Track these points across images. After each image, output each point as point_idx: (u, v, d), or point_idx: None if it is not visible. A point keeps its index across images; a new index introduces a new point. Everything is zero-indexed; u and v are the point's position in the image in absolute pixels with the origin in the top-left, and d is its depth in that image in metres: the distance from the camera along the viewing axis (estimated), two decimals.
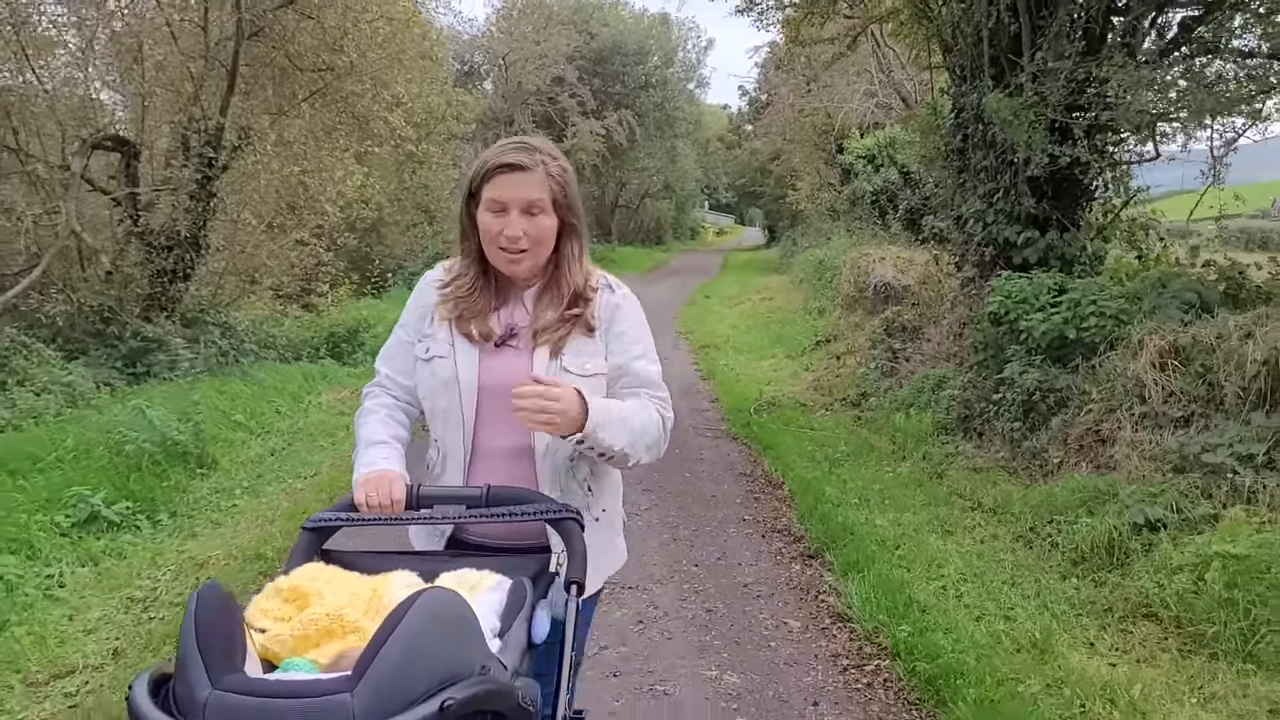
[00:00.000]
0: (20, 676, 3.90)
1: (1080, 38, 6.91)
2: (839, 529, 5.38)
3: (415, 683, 1.30)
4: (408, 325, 2.18)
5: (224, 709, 1.28)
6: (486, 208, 2.01)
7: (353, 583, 1.70)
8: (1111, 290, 6.56)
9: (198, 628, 1.36)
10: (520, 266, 2.04)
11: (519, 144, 2.04)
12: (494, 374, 2.04)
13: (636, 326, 2.14)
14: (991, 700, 3.39)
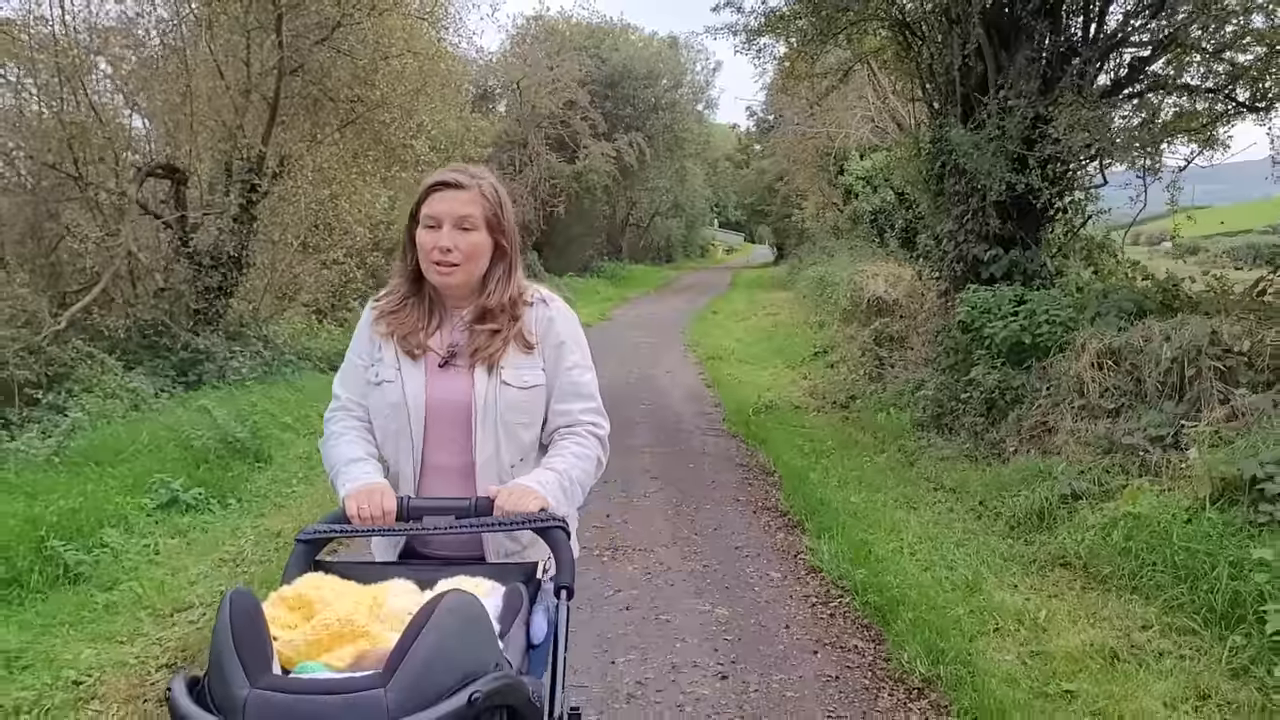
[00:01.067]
0: (148, 611, 4.82)
1: (1037, 77, 7.84)
2: (818, 504, 6.30)
3: (443, 678, 1.41)
4: (357, 349, 2.29)
5: (264, 706, 1.36)
6: (423, 224, 2.15)
7: (352, 591, 1.76)
8: (1062, 301, 7.48)
9: (234, 631, 1.45)
10: (451, 279, 2.15)
11: (457, 167, 2.19)
12: (439, 393, 2.17)
13: (572, 338, 2.26)
14: (924, 619, 4.30)
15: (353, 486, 2.05)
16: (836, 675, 4.00)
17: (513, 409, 2.17)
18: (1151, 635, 4.11)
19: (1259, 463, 4.68)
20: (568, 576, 1.92)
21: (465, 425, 2.16)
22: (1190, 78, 8.83)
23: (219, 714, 1.38)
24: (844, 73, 11.58)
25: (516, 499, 1.97)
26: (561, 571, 1.93)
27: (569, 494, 2.11)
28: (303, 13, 12.29)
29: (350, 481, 2.08)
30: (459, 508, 2.01)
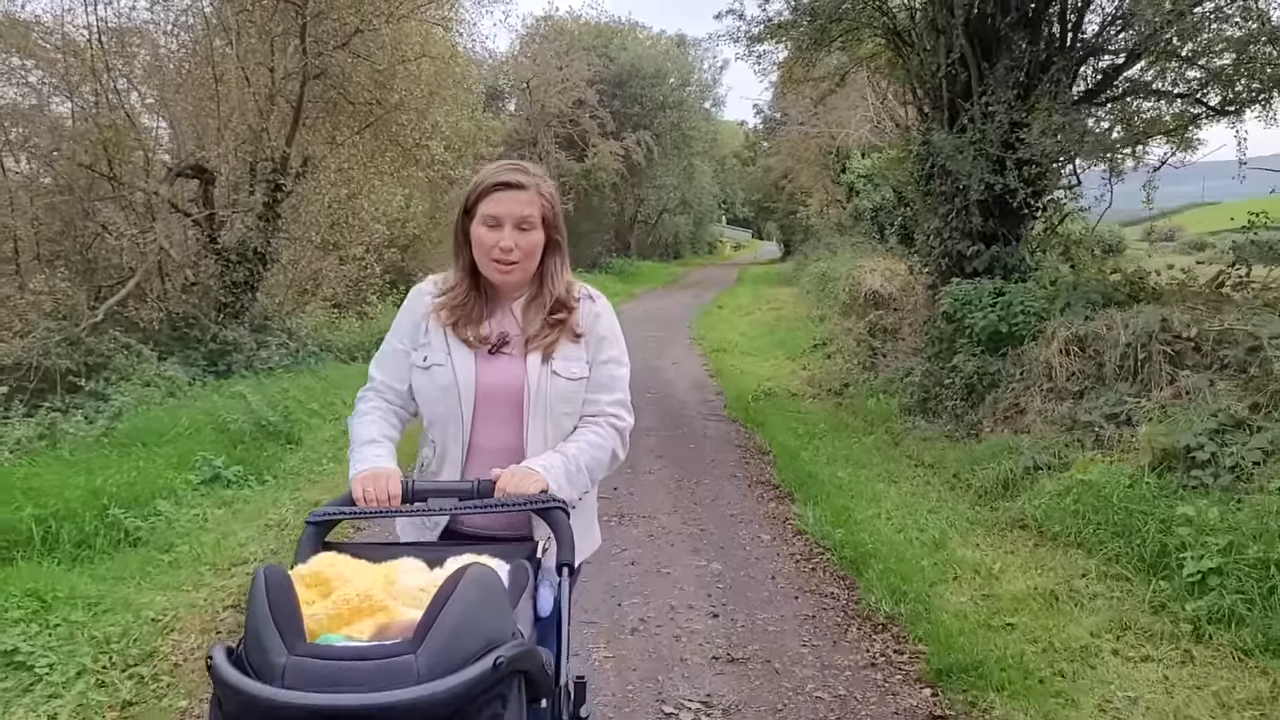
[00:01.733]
0: (208, 566, 5.45)
1: (1015, 85, 8.42)
2: (807, 478, 6.91)
3: (468, 644, 1.50)
4: (401, 334, 2.34)
5: (303, 671, 1.45)
6: (482, 222, 2.20)
7: (365, 569, 1.82)
8: (1036, 293, 8.06)
9: (270, 603, 1.53)
10: (511, 277, 2.23)
11: (515, 165, 2.25)
12: (489, 378, 2.23)
13: (613, 334, 2.35)
14: (891, 570, 4.90)
15: (361, 469, 2.13)
16: (813, 615, 4.61)
17: (560, 399, 2.24)
18: (1089, 581, 4.71)
19: (1193, 434, 5.28)
20: (569, 554, 2.00)
21: (514, 410, 2.23)
22: (1163, 84, 9.40)
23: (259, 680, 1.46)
24: (841, 77, 12.15)
25: (518, 481, 2.05)
26: (563, 550, 2.00)
27: (573, 479, 2.17)
28: (324, 20, 12.90)
29: (360, 464, 2.16)
30: (462, 490, 2.09)
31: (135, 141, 12.48)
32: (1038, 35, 8.58)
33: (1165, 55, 9.05)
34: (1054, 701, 3.57)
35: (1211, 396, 5.61)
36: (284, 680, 1.44)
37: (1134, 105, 9.68)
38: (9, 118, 11.99)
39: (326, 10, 12.85)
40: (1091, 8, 8.52)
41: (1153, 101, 9.70)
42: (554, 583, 1.95)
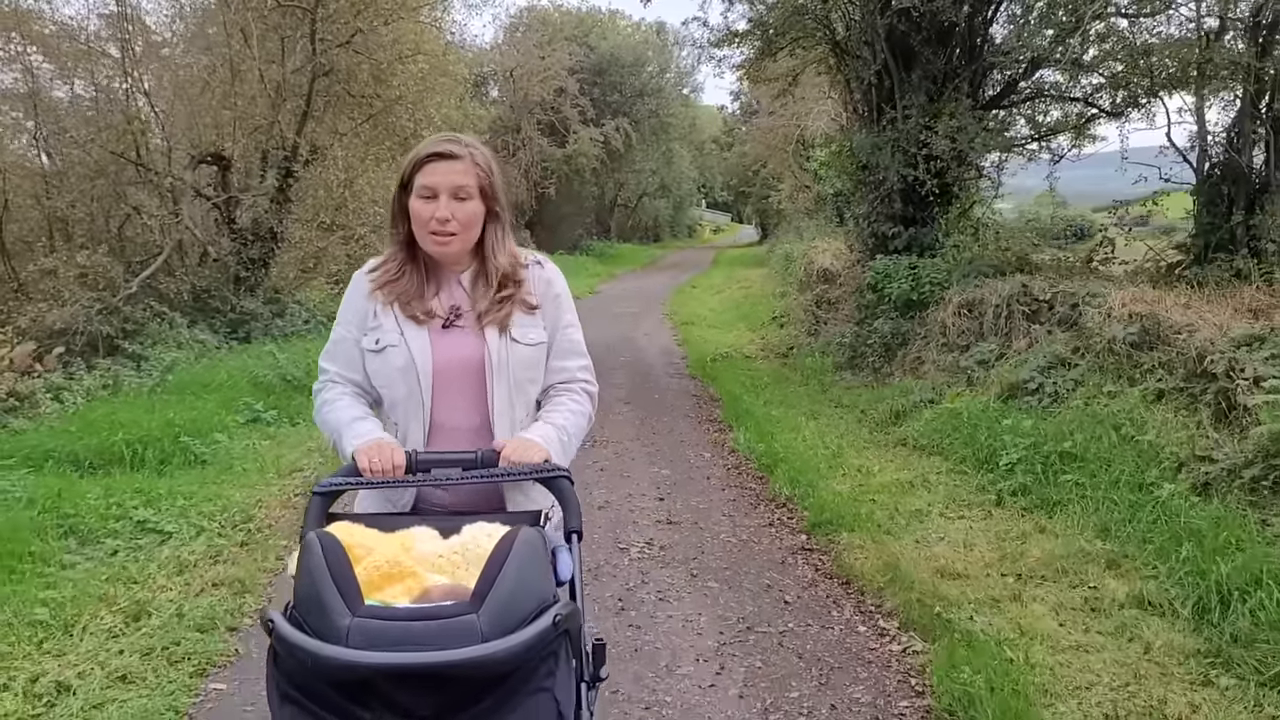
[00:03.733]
0: (271, 472, 7.01)
1: (925, 92, 10.01)
2: (745, 414, 8.52)
3: (525, 603, 1.59)
4: (347, 321, 2.30)
5: (367, 631, 1.51)
6: (418, 194, 2.17)
7: (384, 538, 1.87)
8: (941, 266, 9.69)
9: (330, 567, 1.61)
10: (449, 248, 2.20)
11: (448, 137, 2.22)
12: (446, 354, 2.21)
13: (566, 297, 2.36)
14: (795, 470, 6.52)
15: (361, 442, 2.10)
16: (734, 499, 6.23)
17: (523, 366, 2.24)
18: (939, 475, 6.35)
19: (1029, 371, 6.93)
20: (576, 521, 2.04)
21: (475, 385, 2.22)
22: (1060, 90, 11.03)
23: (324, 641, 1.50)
24: (793, 78, 13.71)
25: (522, 451, 2.08)
26: (570, 517, 2.04)
27: (566, 448, 2.21)
28: (331, 23, 14.37)
29: (357, 438, 2.12)
30: (466, 460, 2.10)
31: (160, 132, 13.94)
32: (946, 51, 10.16)
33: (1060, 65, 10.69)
34: (885, 537, 5.20)
35: (1048, 343, 7.24)
36: (349, 640, 1.49)
37: (1037, 108, 11.35)
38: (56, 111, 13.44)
39: (334, 14, 14.30)
40: (991, 30, 10.06)
41: (1054, 105, 11.38)
42: (566, 547, 1.96)
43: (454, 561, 1.79)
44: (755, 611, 4.42)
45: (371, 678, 1.48)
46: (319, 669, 1.50)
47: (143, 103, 13.69)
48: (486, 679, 1.52)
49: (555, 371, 2.32)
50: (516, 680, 1.55)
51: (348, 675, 1.49)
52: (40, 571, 4.84)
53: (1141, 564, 4.46)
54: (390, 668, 1.47)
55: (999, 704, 3.30)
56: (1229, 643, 3.69)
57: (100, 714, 3.34)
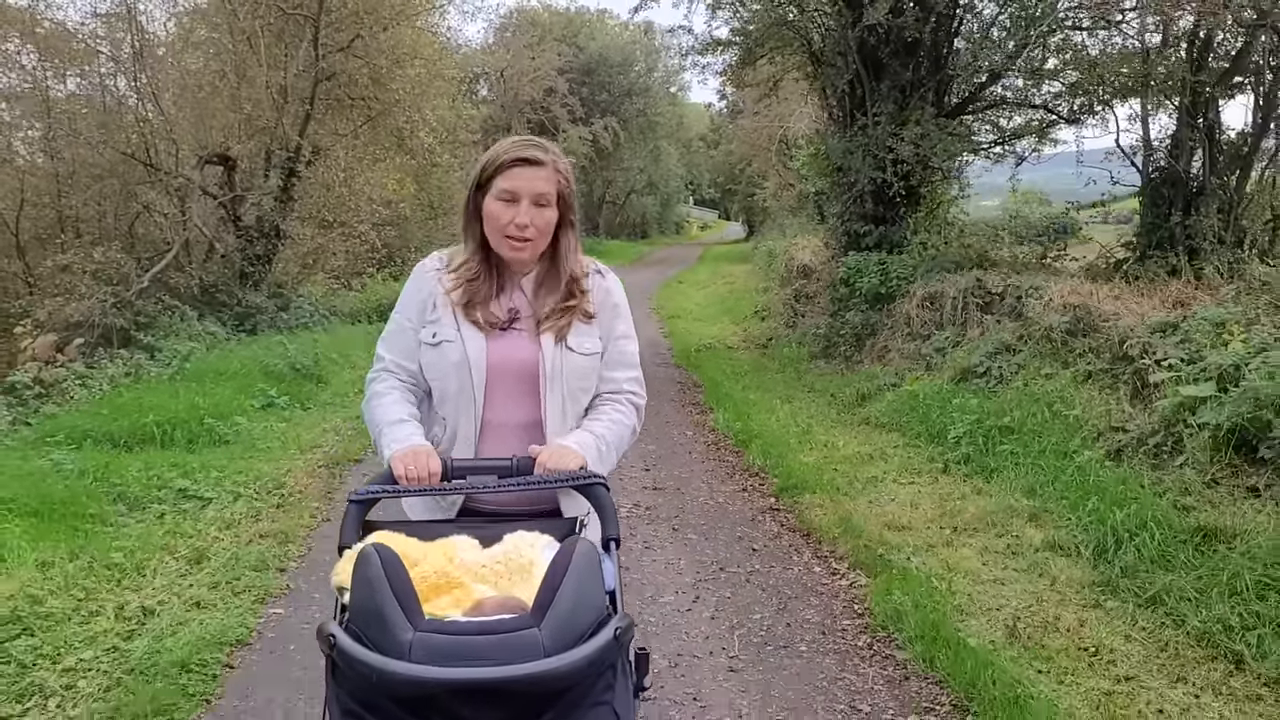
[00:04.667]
0: (293, 448, 7.71)
1: (893, 101, 10.76)
2: (724, 398, 9.26)
3: (584, 617, 1.60)
4: (408, 311, 2.30)
5: (430, 646, 1.51)
6: (498, 197, 2.17)
7: (427, 548, 1.89)
8: (908, 262, 10.44)
9: (390, 581, 1.59)
10: (523, 254, 2.21)
11: (533, 142, 2.21)
12: (500, 355, 2.22)
13: (624, 308, 2.36)
14: (768, 444, 7.25)
15: (398, 449, 2.10)
16: (713, 469, 6.98)
17: (577, 375, 2.24)
18: (895, 449, 7.10)
19: (978, 356, 7.69)
20: (614, 528, 2.01)
21: (528, 386, 2.22)
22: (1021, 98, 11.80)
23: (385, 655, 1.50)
24: (774, 83, 14.46)
25: (558, 458, 2.06)
26: (607, 524, 2.02)
27: (603, 457, 2.20)
28: (333, 31, 15.05)
29: (395, 443, 2.13)
30: (501, 467, 2.10)
31: (168, 134, 14.59)
32: (912, 62, 10.91)
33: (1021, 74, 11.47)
34: (842, 498, 5.95)
35: (997, 331, 8.00)
36: (412, 655, 1.49)
37: (1001, 114, 12.13)
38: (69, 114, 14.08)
39: (335, 21, 14.99)
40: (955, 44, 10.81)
41: (1016, 111, 12.16)
42: (606, 556, 1.94)
43: (497, 571, 1.81)
44: (727, 556, 5.16)
45: (435, 693, 1.48)
46: (384, 684, 1.50)
47: (152, 106, 14.32)
48: (548, 693, 1.52)
49: (605, 381, 2.32)
50: (577, 694, 1.55)
51: (413, 691, 1.49)
52: (101, 531, 5.55)
53: (1057, 516, 5.22)
54: (456, 683, 1.47)
55: (920, 619, 4.05)
56: (1118, 574, 4.45)
57: (185, 630, 4.06)
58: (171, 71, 15.08)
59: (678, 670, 3.84)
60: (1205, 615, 3.91)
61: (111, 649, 3.90)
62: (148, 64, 14.35)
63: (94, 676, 3.65)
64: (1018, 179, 12.00)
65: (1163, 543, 4.48)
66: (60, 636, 3.98)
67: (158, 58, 14.76)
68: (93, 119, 14.35)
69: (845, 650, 4.03)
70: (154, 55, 14.69)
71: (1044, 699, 3.40)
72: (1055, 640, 3.94)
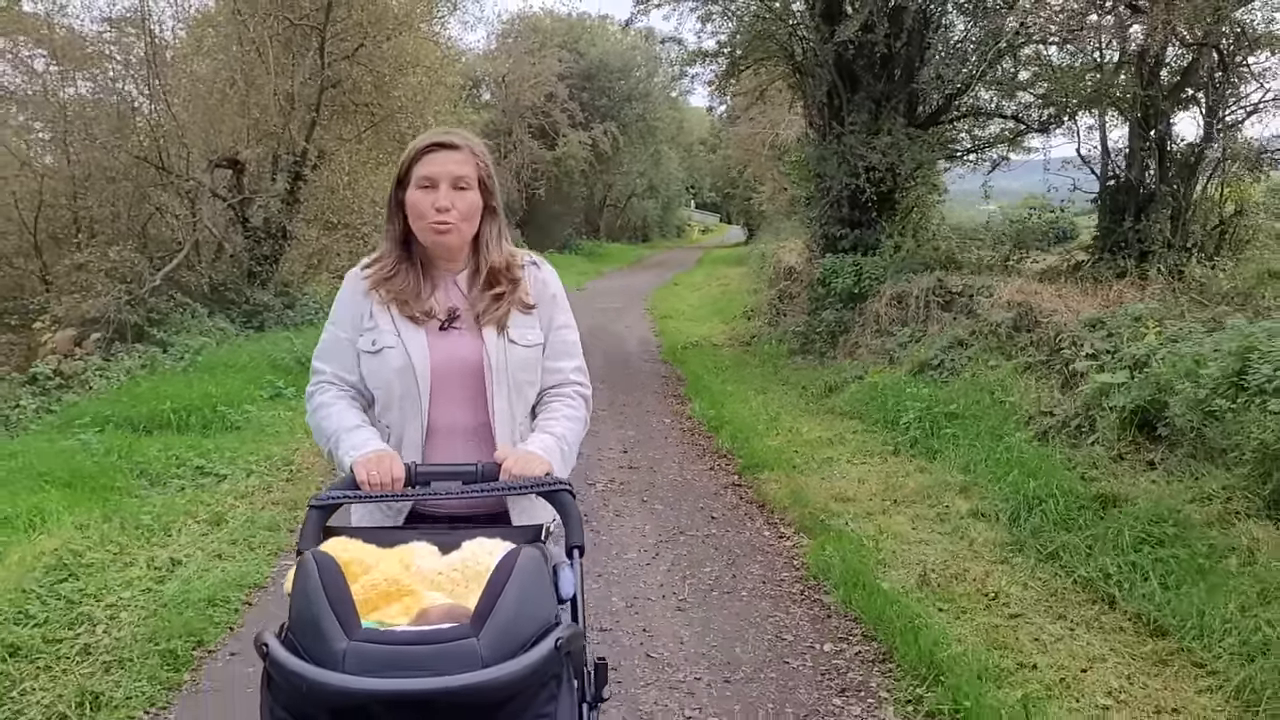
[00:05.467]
0: (300, 434, 8.33)
1: (867, 111, 11.39)
2: (703, 390, 9.89)
3: (526, 627, 1.56)
4: (342, 322, 2.27)
5: (364, 656, 1.48)
6: (416, 185, 2.15)
7: (381, 554, 1.86)
8: (880, 263, 11.05)
9: (325, 589, 1.57)
10: (448, 238, 2.18)
11: (445, 129, 2.21)
12: (444, 355, 2.19)
13: (562, 298, 2.35)
14: (738, 430, 7.87)
15: (359, 454, 2.07)
16: (685, 452, 7.60)
17: (521, 367, 2.23)
18: (854, 434, 7.73)
19: (934, 350, 8.31)
20: (578, 536, 1.99)
21: (474, 386, 2.21)
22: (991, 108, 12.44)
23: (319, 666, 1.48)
24: (760, 93, 15.10)
25: (523, 464, 2.05)
26: (572, 532, 2.00)
27: (566, 458, 2.20)
28: (339, 41, 15.71)
29: (354, 449, 2.10)
30: (466, 473, 2.08)
31: (180, 138, 15.24)
32: (885, 74, 11.54)
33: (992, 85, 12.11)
34: (797, 475, 6.57)
35: (952, 328, 8.62)
36: (345, 665, 1.47)
37: (975, 123, 12.76)
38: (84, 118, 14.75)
39: (341, 31, 15.64)
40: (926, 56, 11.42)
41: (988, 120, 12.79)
42: (568, 564, 1.93)
43: (453, 579, 1.77)
44: (688, 523, 5.79)
45: (367, 704, 1.46)
46: (314, 695, 1.47)
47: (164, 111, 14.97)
48: (486, 705, 1.49)
49: (549, 373, 2.30)
50: (516, 706, 1.52)
51: (344, 702, 1.46)
52: (128, 500, 6.18)
53: (983, 489, 5.83)
54: (388, 695, 1.45)
55: (845, 569, 4.68)
56: (1027, 536, 5.07)
57: (209, 575, 4.69)
58: (183, 78, 15.74)
59: (633, 609, 4.46)
60: (1090, 566, 4.53)
61: (146, 590, 4.53)
62: (159, 70, 15.01)
63: (133, 610, 4.28)
64: (989, 185, 12.60)
65: (1066, 508, 5.10)
66: (100, 581, 4.61)
67: (169, 64, 15.39)
68: (106, 124, 15.01)
69: (780, 596, 4.66)
70: (165, 62, 15.33)
71: (938, 628, 4.02)
72: (960, 587, 4.56)
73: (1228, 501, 4.63)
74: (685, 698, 3.63)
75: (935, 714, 3.44)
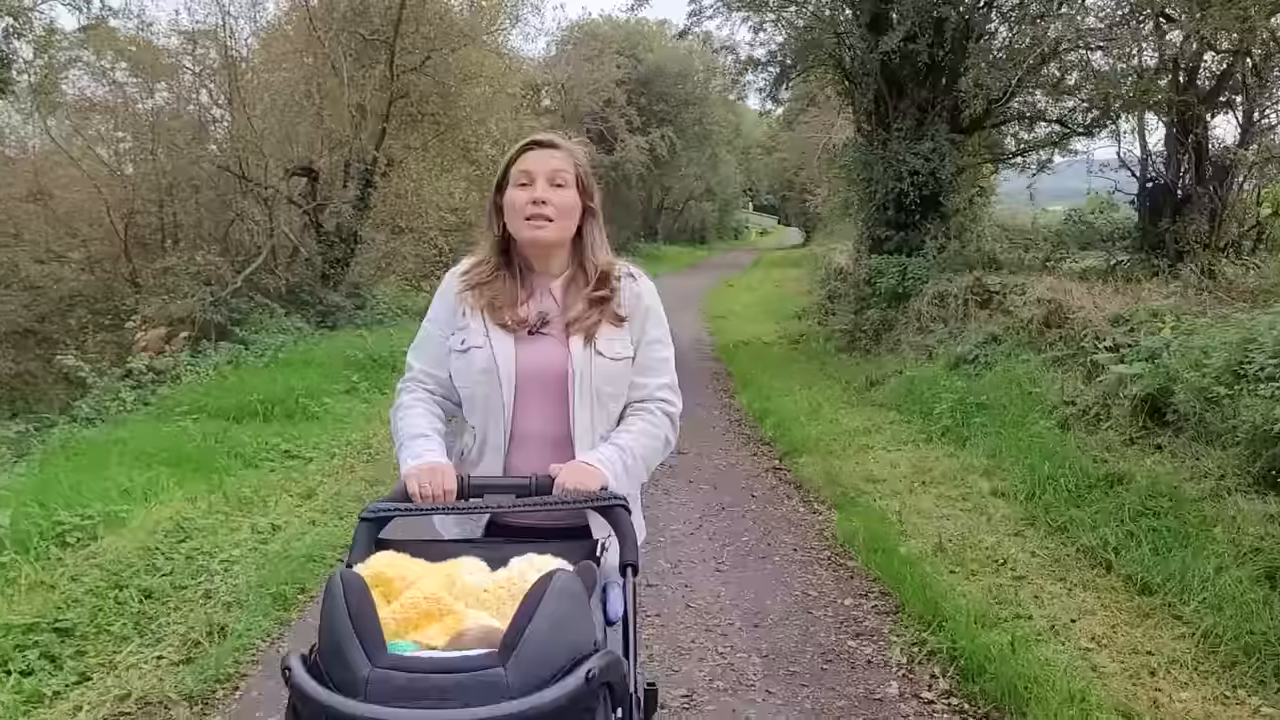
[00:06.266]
0: (378, 421, 9.02)
1: (912, 118, 11.83)
2: (751, 383, 10.43)
3: (556, 656, 1.49)
4: (438, 319, 2.28)
5: (387, 685, 1.45)
6: (514, 183, 2.16)
7: (426, 569, 1.82)
8: (923, 263, 11.48)
9: (350, 612, 1.52)
10: (546, 233, 2.15)
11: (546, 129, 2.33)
12: (530, 360, 2.17)
13: (657, 313, 2.28)
14: (780, 420, 8.40)
15: (414, 465, 2.07)
16: (730, 439, 8.15)
17: (606, 380, 2.18)
18: (890, 424, 8.21)
19: (968, 346, 8.76)
20: (633, 554, 1.94)
21: (558, 394, 2.17)
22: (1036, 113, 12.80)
23: (339, 693, 1.45)
24: (810, 99, 15.58)
25: (577, 477, 2.01)
26: (626, 549, 1.94)
27: (631, 471, 2.14)
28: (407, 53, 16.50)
29: (412, 459, 2.10)
30: (519, 486, 2.06)
31: (258, 148, 16.14)
32: (931, 82, 11.97)
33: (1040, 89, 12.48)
34: (833, 459, 7.08)
35: (988, 324, 9.06)
36: (368, 694, 1.44)
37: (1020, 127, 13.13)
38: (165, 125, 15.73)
39: (408, 46, 16.44)
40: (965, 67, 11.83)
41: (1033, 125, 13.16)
42: (618, 583, 1.88)
43: (499, 596, 1.73)
44: (730, 501, 6.34)
45: None
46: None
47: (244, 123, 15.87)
48: None
49: (636, 388, 2.24)
50: None
51: None
52: (227, 478, 6.89)
53: (1006, 471, 6.30)
54: None
55: (868, 537, 5.20)
56: (1040, 511, 5.53)
57: (306, 538, 5.36)
58: (262, 91, 16.65)
59: (676, 570, 5.03)
60: (1093, 536, 4.99)
61: (253, 549, 5.21)
62: (239, 84, 15.94)
63: (244, 564, 4.95)
64: (1034, 187, 12.98)
65: (1077, 487, 5.56)
66: (213, 542, 5.29)
67: (245, 77, 16.31)
68: (185, 133, 15.98)
69: (809, 561, 5.19)
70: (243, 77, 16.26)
71: (946, 586, 4.53)
72: (972, 554, 5.05)
73: (1221, 478, 5.06)
74: (719, 639, 4.19)
75: (935, 653, 3.95)
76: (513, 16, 20.21)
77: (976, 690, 3.62)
